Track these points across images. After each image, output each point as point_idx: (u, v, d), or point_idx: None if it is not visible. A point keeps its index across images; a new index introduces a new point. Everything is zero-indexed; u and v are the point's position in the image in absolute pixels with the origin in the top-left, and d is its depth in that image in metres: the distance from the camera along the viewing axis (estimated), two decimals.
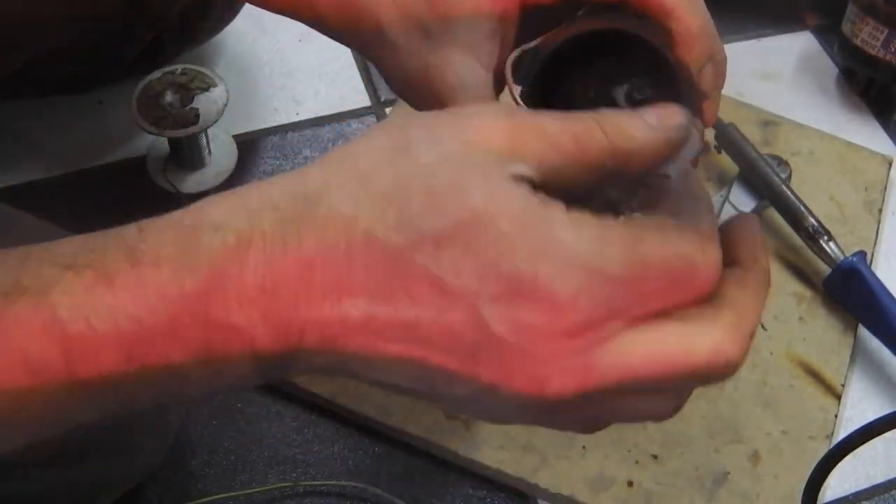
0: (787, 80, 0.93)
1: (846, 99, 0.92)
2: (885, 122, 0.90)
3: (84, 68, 0.76)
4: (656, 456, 0.65)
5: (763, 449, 0.66)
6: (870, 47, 0.86)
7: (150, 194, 0.75)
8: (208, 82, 0.73)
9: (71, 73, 0.76)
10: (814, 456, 0.54)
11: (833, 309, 0.74)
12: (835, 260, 0.73)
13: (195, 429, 0.66)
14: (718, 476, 0.64)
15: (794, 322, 0.73)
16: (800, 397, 0.69)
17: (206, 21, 0.79)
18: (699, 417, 0.67)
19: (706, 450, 0.66)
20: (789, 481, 0.64)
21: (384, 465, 0.65)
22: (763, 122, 0.85)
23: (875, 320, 0.71)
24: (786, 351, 0.71)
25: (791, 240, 0.76)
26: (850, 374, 0.72)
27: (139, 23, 0.74)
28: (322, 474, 0.64)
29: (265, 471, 0.64)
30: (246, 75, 0.85)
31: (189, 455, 0.65)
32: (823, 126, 0.86)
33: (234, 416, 0.66)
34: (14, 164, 0.76)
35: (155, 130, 0.71)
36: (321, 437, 0.66)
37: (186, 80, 0.73)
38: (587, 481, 0.63)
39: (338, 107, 0.84)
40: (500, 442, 0.64)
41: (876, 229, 0.79)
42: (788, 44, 0.96)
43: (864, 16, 0.86)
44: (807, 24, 0.98)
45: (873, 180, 0.82)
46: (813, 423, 0.67)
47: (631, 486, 0.63)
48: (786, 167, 0.79)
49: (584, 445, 0.65)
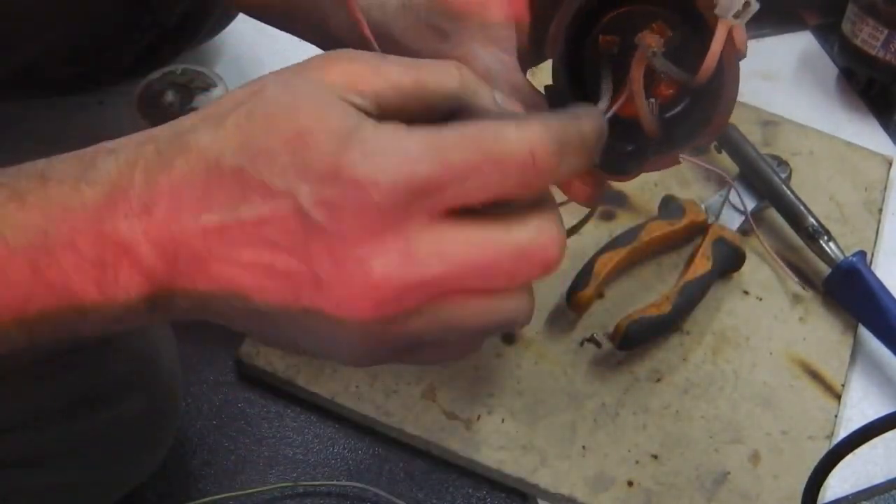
0: (787, 80, 0.93)
1: (846, 99, 0.92)
2: (885, 122, 0.90)
3: (84, 68, 0.76)
4: (656, 456, 0.65)
5: (763, 449, 0.66)
6: (870, 47, 0.86)
7: None
8: (208, 82, 0.74)
9: (71, 73, 0.76)
10: (814, 456, 0.54)
11: (833, 309, 0.74)
12: (835, 260, 0.73)
13: (195, 429, 0.66)
14: (718, 476, 0.64)
15: (794, 322, 0.73)
16: (800, 397, 0.69)
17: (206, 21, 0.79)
18: (699, 417, 0.67)
19: (706, 450, 0.66)
20: (789, 481, 0.64)
21: (384, 465, 0.65)
22: (763, 122, 0.85)
23: (875, 320, 0.72)
24: (786, 351, 0.71)
25: (791, 240, 0.76)
26: (850, 374, 0.72)
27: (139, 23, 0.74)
28: (322, 474, 0.64)
29: (265, 471, 0.64)
30: (246, 75, 0.84)
31: (189, 455, 0.65)
32: (823, 126, 0.86)
33: (234, 416, 0.67)
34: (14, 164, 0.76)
35: None
36: (321, 437, 0.66)
37: (186, 80, 0.73)
38: (587, 481, 0.63)
39: None
40: (500, 442, 0.64)
41: (876, 229, 0.79)
42: (788, 44, 0.96)
43: (864, 16, 0.86)
44: (807, 24, 0.98)
45: (873, 180, 0.82)
46: (813, 423, 0.67)
47: (631, 486, 0.63)
48: (786, 167, 0.79)
49: (584, 445, 0.65)
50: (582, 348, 0.69)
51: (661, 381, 0.68)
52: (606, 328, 0.69)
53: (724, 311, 0.73)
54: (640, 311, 0.68)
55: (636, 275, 0.74)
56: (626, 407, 0.67)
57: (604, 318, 0.70)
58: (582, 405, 0.66)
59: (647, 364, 0.69)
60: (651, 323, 0.68)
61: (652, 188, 0.79)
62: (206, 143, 0.34)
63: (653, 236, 0.73)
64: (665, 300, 0.69)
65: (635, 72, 0.41)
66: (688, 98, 0.44)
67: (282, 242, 0.33)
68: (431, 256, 0.33)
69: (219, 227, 0.34)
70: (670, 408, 0.67)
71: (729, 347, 0.71)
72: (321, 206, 0.32)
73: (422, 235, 0.33)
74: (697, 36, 0.41)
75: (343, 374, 0.66)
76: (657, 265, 0.75)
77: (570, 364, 0.68)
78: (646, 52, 0.41)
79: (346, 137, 0.33)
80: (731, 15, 0.38)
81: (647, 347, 0.69)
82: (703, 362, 0.70)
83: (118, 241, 0.34)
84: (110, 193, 0.34)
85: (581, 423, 0.66)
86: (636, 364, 0.69)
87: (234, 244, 0.34)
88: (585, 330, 0.70)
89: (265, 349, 0.67)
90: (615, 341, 0.67)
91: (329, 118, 0.33)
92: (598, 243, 0.72)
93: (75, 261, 0.34)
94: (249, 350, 0.67)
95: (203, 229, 0.34)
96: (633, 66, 0.41)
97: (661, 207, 0.76)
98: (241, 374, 0.68)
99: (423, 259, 0.33)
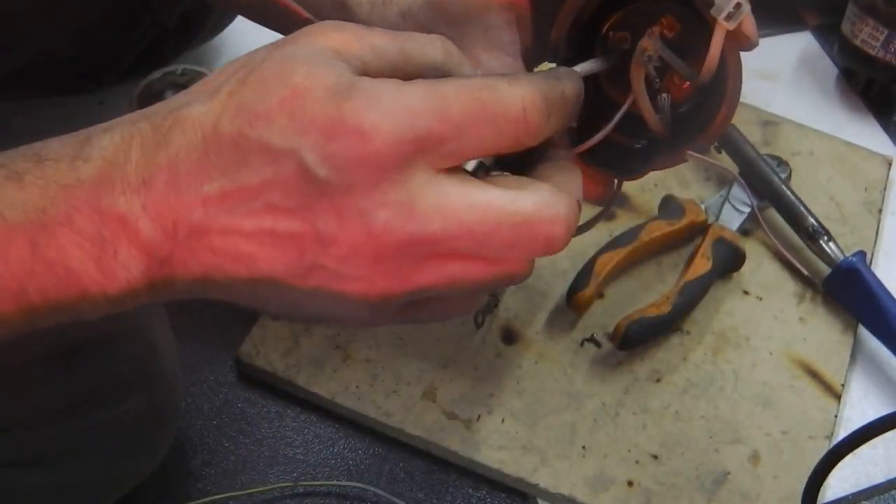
0: (786, 80, 0.93)
1: (846, 99, 0.92)
2: (885, 122, 0.90)
3: (84, 69, 0.76)
4: (656, 456, 0.65)
5: (763, 449, 0.66)
6: (870, 47, 0.86)
7: None
8: None
9: (71, 73, 0.76)
10: (814, 456, 0.54)
11: (833, 309, 0.74)
12: (835, 260, 0.73)
13: (195, 429, 0.66)
14: (718, 476, 0.64)
15: (794, 322, 0.73)
16: (800, 397, 0.69)
17: (206, 21, 0.79)
18: (699, 417, 0.67)
19: (706, 450, 0.66)
20: (789, 481, 0.64)
21: (384, 465, 0.65)
22: (763, 122, 0.85)
23: (875, 320, 0.72)
24: (786, 351, 0.71)
25: (791, 240, 0.76)
26: (850, 374, 0.72)
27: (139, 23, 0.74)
28: (322, 474, 0.64)
29: (265, 471, 0.64)
30: None
31: (189, 455, 0.65)
32: (823, 126, 0.86)
33: (234, 416, 0.67)
34: None
35: None
36: (321, 437, 0.66)
37: (186, 80, 0.73)
38: (587, 481, 0.63)
39: None
40: (500, 442, 0.64)
41: (876, 229, 0.79)
42: (788, 44, 0.96)
43: (864, 16, 0.86)
44: (807, 24, 0.98)
45: (873, 180, 0.82)
46: (813, 423, 0.68)
47: (631, 486, 0.63)
48: (786, 167, 0.79)
49: (584, 445, 0.65)
50: (582, 348, 0.69)
51: (661, 381, 0.68)
52: (606, 328, 0.69)
53: (724, 311, 0.73)
54: (640, 311, 0.68)
55: (636, 275, 0.74)
56: (626, 407, 0.67)
57: (604, 318, 0.71)
58: (582, 405, 0.67)
59: (647, 364, 0.69)
60: (651, 323, 0.68)
61: (652, 188, 0.79)
62: (201, 112, 0.34)
63: (653, 236, 0.73)
64: (665, 300, 0.69)
65: (635, 74, 0.41)
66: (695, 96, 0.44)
67: (284, 204, 0.33)
68: (433, 212, 0.33)
69: (219, 194, 0.33)
70: (670, 408, 0.67)
71: (729, 347, 0.71)
72: (326, 160, 0.32)
73: (424, 189, 0.33)
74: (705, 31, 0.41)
75: (343, 374, 0.66)
76: (657, 265, 0.75)
77: (570, 364, 0.68)
78: (641, 58, 0.41)
79: (347, 89, 0.33)
80: (723, 17, 0.38)
81: (647, 347, 0.69)
82: (702, 362, 0.70)
83: (117, 216, 0.34)
84: (107, 169, 0.34)
85: (581, 423, 0.66)
86: (636, 364, 0.69)
87: (236, 213, 0.33)
88: (585, 330, 0.70)
89: (265, 349, 0.67)
90: (615, 341, 0.67)
91: (324, 76, 0.33)
92: (599, 243, 0.72)
93: (74, 238, 0.34)
94: (249, 350, 0.67)
95: (204, 199, 0.33)
96: (632, 69, 0.41)
97: (661, 207, 0.76)
98: (241, 374, 0.68)
99: (425, 213, 0.33)
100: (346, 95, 0.33)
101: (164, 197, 0.34)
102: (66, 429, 0.51)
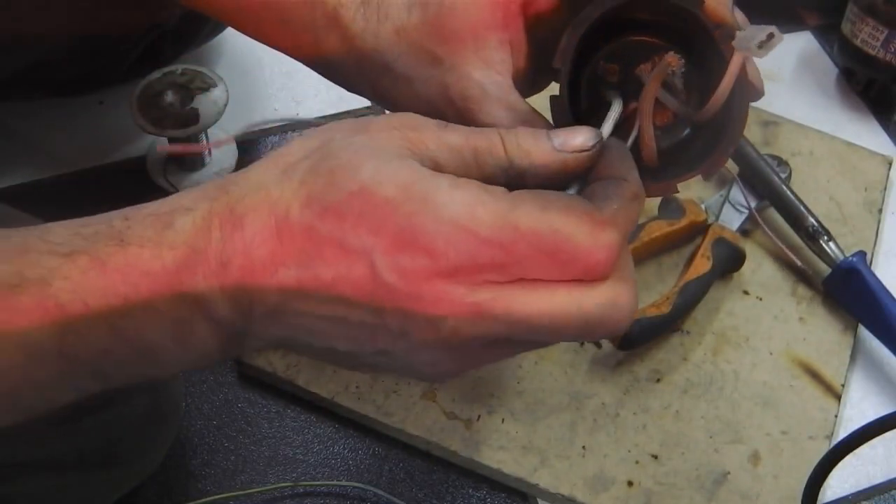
0: (786, 80, 0.93)
1: (846, 99, 0.92)
2: (885, 122, 0.90)
3: (85, 69, 0.76)
4: (656, 456, 0.65)
5: (763, 449, 0.66)
6: (870, 47, 0.86)
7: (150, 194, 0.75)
8: (208, 82, 0.73)
9: (72, 73, 0.76)
10: (814, 456, 0.54)
11: (833, 309, 0.74)
12: (835, 260, 0.73)
13: (195, 429, 0.66)
14: (718, 476, 0.64)
15: (794, 322, 0.73)
16: (800, 397, 0.69)
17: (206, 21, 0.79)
18: (699, 417, 0.67)
19: (706, 450, 0.66)
20: (789, 481, 0.64)
21: (384, 465, 0.65)
22: (763, 122, 0.85)
23: (875, 320, 0.72)
24: (786, 351, 0.71)
25: (791, 240, 0.76)
26: (850, 374, 0.72)
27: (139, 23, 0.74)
28: (322, 474, 0.64)
29: (265, 471, 0.64)
30: (246, 75, 0.85)
31: (189, 455, 0.65)
32: (823, 126, 0.86)
33: (234, 416, 0.67)
34: (14, 164, 0.76)
35: (155, 130, 0.71)
36: (321, 437, 0.66)
37: (186, 80, 0.73)
38: (587, 481, 0.63)
39: (337, 107, 0.84)
40: (500, 442, 0.64)
41: (876, 229, 0.79)
42: (788, 44, 0.95)
43: (864, 16, 0.86)
44: (807, 24, 0.98)
45: (873, 180, 0.82)
46: (813, 423, 0.68)
47: (631, 486, 0.63)
48: (786, 167, 0.79)
49: (584, 445, 0.65)
50: (582, 348, 0.69)
51: (661, 381, 0.68)
52: None
53: (724, 311, 0.73)
54: (640, 311, 0.68)
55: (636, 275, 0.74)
56: (626, 407, 0.67)
57: None
58: (582, 405, 0.67)
59: (647, 364, 0.69)
60: (651, 323, 0.68)
61: None
62: (275, 197, 0.35)
63: (653, 236, 0.73)
64: (665, 300, 0.69)
65: (650, 89, 0.41)
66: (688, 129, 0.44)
67: (356, 298, 0.35)
68: (498, 317, 0.35)
69: (295, 283, 0.35)
70: (670, 408, 0.67)
71: (729, 347, 0.71)
72: (394, 270, 0.34)
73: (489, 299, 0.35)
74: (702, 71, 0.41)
75: (343, 374, 0.66)
76: (657, 265, 0.75)
77: (570, 364, 0.68)
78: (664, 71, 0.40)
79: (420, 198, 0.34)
80: (755, 44, 0.37)
81: (647, 347, 0.69)
82: (703, 362, 0.70)
83: (196, 298, 0.35)
84: (189, 256, 0.35)
85: (581, 423, 0.66)
86: (636, 364, 0.69)
87: (310, 300, 0.35)
88: None
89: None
90: (615, 341, 0.67)
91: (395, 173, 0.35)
92: None
93: (154, 320, 0.35)
94: None
95: (279, 286, 0.35)
96: (650, 82, 0.41)
97: (661, 207, 0.76)
98: (241, 374, 0.68)
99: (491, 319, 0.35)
100: (417, 205, 0.34)
101: (240, 280, 0.35)
102: (67, 429, 0.51)
